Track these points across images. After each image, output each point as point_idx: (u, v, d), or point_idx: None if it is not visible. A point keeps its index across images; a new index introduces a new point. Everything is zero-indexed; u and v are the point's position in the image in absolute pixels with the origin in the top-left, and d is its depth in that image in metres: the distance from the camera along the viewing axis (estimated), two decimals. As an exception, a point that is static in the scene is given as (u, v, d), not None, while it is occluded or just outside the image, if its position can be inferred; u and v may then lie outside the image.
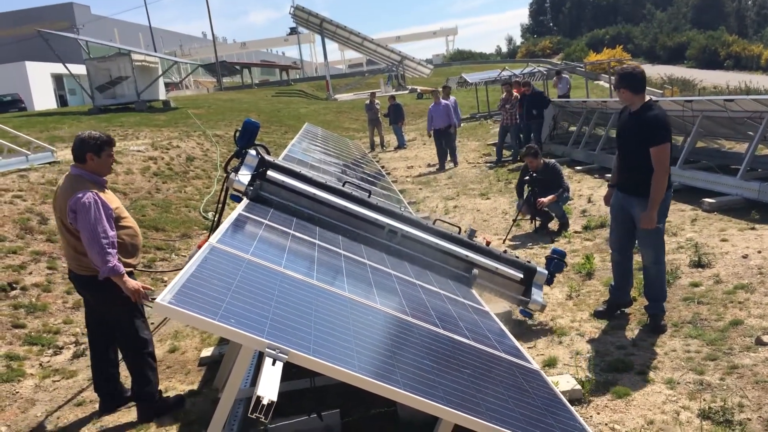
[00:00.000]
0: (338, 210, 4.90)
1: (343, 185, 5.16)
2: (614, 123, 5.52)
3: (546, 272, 5.32)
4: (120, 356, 4.42)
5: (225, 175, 4.73)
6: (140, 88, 23.74)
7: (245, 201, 4.46)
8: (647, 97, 4.81)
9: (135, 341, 4.19)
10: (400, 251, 4.96)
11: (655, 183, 4.63)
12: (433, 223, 5.28)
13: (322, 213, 4.87)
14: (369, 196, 5.19)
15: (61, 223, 4.07)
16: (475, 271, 5.07)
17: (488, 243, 5.34)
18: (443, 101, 14.93)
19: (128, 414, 4.37)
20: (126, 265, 4.05)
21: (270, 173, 4.78)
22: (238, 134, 4.81)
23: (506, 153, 15.88)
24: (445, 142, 14.74)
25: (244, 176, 4.63)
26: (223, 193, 4.83)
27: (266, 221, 4.14)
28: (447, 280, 4.87)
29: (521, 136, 14.36)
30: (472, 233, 5.33)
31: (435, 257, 5.04)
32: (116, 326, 4.20)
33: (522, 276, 5.19)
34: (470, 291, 4.93)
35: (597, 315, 5.20)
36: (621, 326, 5.09)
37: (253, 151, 4.77)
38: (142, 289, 4.04)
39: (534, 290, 5.17)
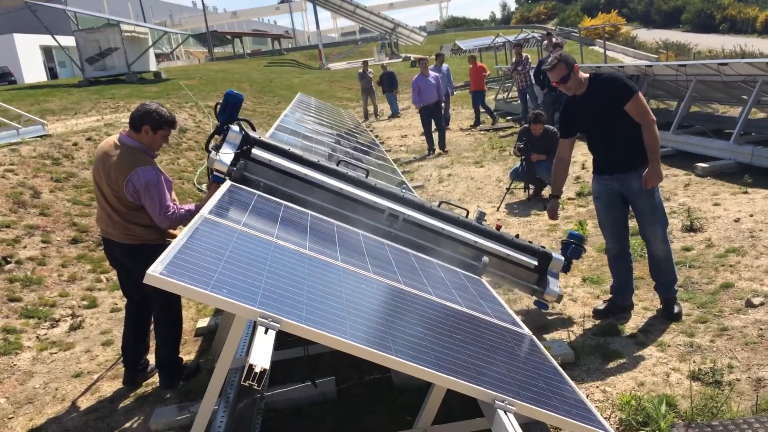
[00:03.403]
0: (333, 192, 4.45)
1: (338, 164, 4.70)
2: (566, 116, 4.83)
3: (562, 258, 4.82)
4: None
5: (208, 153, 4.34)
6: (130, 59, 23.44)
7: (228, 183, 4.08)
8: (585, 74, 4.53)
9: (170, 309, 4.22)
10: (401, 237, 4.50)
11: (647, 135, 4.25)
12: (438, 206, 4.78)
13: (314, 196, 4.42)
14: (367, 176, 4.75)
15: (110, 192, 3.97)
16: (485, 258, 4.55)
17: (499, 227, 4.85)
18: (432, 72, 13.01)
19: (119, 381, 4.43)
20: (173, 236, 4.16)
21: (255, 151, 4.33)
22: (219, 108, 4.35)
23: (501, 120, 15.84)
24: (434, 120, 12.78)
25: (226, 155, 4.19)
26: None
27: (255, 197, 4.12)
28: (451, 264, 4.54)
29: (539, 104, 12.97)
30: (480, 216, 4.83)
31: (440, 244, 4.57)
32: (155, 293, 4.02)
33: (536, 263, 4.71)
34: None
35: (596, 314, 4.72)
36: (613, 291, 5.13)
37: (236, 127, 4.32)
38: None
39: (549, 279, 4.70)
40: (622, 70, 11.86)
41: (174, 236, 4.19)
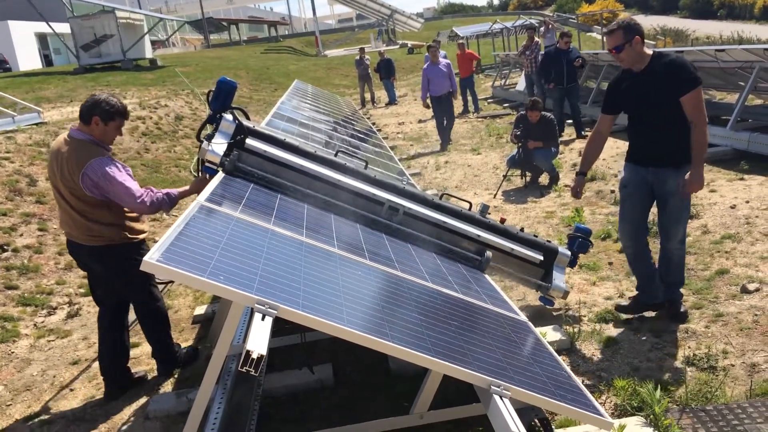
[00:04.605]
0: (330, 184, 4.24)
1: (336, 154, 4.50)
2: (606, 84, 4.54)
3: (569, 253, 4.62)
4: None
5: (200, 143, 4.08)
6: (126, 46, 23.32)
7: (220, 174, 3.88)
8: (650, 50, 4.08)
9: (151, 305, 4.11)
10: (402, 230, 4.32)
11: (697, 136, 3.90)
12: (440, 198, 4.60)
13: (311, 188, 4.20)
14: (366, 167, 4.51)
15: (67, 191, 3.75)
16: (489, 253, 4.36)
17: (503, 220, 4.63)
18: (443, 60, 12.11)
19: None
20: (139, 231, 3.99)
21: (249, 141, 4.12)
22: (211, 96, 4.13)
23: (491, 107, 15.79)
24: (446, 112, 12.00)
25: (219, 145, 3.98)
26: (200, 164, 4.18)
27: (250, 187, 4.08)
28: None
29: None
30: (484, 209, 4.62)
31: (442, 237, 4.38)
32: (131, 293, 4.05)
33: (542, 258, 4.51)
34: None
35: (618, 309, 4.48)
36: (609, 277, 5.15)
37: (229, 116, 4.10)
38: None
39: (555, 274, 4.49)
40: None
41: (141, 231, 4.00)
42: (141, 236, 4.01)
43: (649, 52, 4.05)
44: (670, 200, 4.11)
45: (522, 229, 4.66)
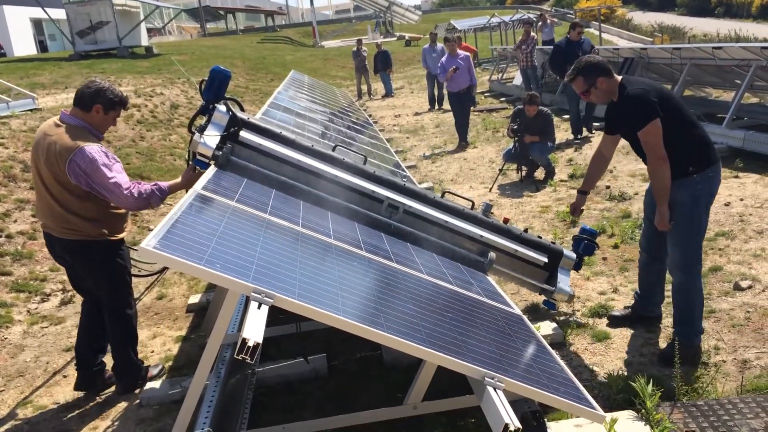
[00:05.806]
0: (328, 180, 4.07)
1: (334, 149, 4.29)
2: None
3: (574, 255, 4.43)
4: None
5: (191, 134, 3.89)
6: (122, 33, 23.18)
7: (212, 168, 3.70)
8: (618, 78, 3.88)
9: (121, 312, 3.88)
10: (401, 229, 4.16)
11: (652, 175, 3.73)
12: (441, 196, 4.42)
13: (307, 183, 4.03)
14: (365, 162, 4.35)
15: (50, 177, 3.58)
16: (492, 254, 4.22)
17: (506, 221, 4.45)
18: (462, 52, 11.37)
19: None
20: (119, 231, 3.83)
21: (243, 134, 3.94)
22: (204, 85, 3.93)
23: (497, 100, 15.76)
24: (465, 109, 11.23)
25: (212, 138, 3.80)
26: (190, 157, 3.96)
27: (244, 182, 4.02)
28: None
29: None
30: (487, 209, 4.47)
31: (443, 237, 4.23)
32: (103, 293, 3.87)
33: (546, 260, 4.35)
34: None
35: (611, 320, 4.35)
36: (603, 272, 5.18)
37: (222, 107, 3.91)
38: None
39: (560, 277, 4.32)
40: (617, 53, 11.84)
41: (121, 231, 3.84)
42: (120, 236, 3.84)
43: (617, 80, 3.86)
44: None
45: (526, 230, 4.52)
